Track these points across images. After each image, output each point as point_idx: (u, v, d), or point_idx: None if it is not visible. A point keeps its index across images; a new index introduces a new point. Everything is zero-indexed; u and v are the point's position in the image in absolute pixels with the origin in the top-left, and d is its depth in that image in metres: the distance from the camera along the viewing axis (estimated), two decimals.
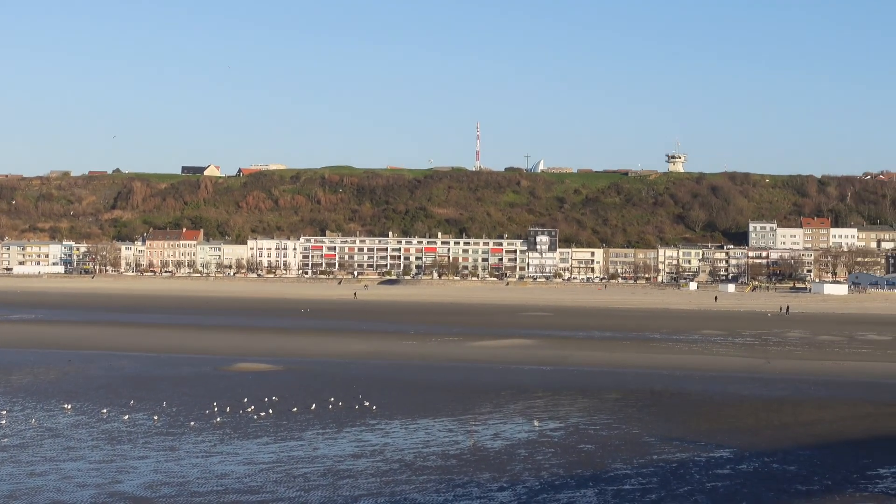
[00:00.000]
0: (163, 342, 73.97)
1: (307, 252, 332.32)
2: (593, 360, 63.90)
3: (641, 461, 31.85)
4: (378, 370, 56.60)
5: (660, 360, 65.27)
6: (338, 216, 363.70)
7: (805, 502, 27.13)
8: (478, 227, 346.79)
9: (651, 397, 46.59)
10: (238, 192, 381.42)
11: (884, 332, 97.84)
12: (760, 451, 33.65)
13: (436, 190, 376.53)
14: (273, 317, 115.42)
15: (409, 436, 35.99)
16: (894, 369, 61.07)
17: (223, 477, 29.14)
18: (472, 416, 40.47)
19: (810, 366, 62.52)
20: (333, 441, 34.83)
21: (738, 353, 72.35)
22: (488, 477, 29.40)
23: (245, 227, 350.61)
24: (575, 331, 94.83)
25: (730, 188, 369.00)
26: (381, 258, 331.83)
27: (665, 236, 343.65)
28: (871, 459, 32.49)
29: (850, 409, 43.56)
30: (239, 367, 56.44)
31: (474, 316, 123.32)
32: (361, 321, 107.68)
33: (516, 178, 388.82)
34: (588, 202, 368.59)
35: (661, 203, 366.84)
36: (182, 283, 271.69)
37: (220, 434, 35.85)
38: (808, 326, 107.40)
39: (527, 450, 33.57)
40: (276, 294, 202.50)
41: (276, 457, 32.00)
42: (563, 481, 28.96)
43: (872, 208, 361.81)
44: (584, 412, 41.92)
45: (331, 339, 79.41)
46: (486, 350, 70.72)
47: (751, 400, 46.12)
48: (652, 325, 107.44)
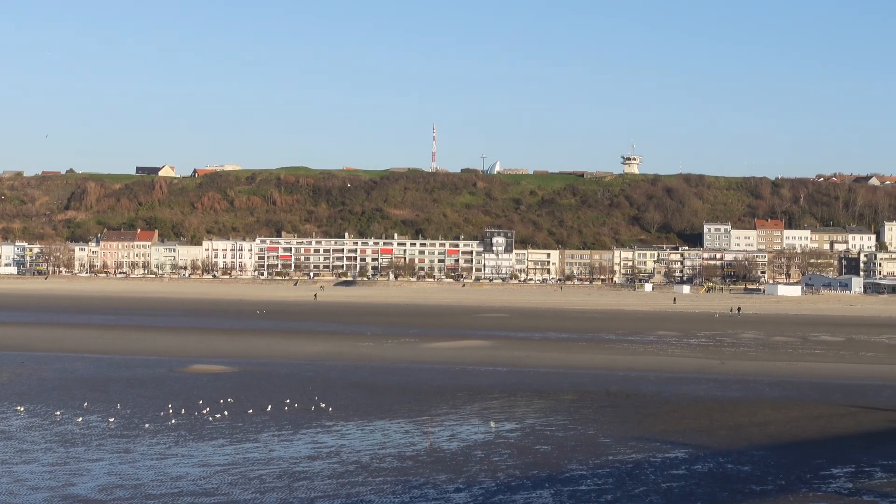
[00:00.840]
0: (117, 344, 73.43)
1: (263, 253, 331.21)
2: (549, 362, 64.05)
3: (597, 462, 31.96)
4: (334, 372, 56.46)
5: (615, 361, 65.54)
6: (294, 217, 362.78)
7: (759, 502, 27.31)
8: (434, 228, 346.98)
9: (607, 398, 46.76)
10: (193, 192, 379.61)
11: (836, 334, 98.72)
12: (715, 452, 33.85)
13: (392, 191, 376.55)
14: (228, 318, 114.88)
15: (365, 437, 35.93)
16: (847, 370, 61.64)
17: (178, 479, 28.95)
18: (428, 418, 40.46)
19: (764, 367, 63.00)
20: (289, 443, 34.71)
21: (692, 354, 72.77)
22: (444, 478, 29.40)
23: (200, 228, 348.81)
24: (531, 332, 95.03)
25: (685, 190, 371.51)
26: (337, 259, 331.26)
27: (620, 238, 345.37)
28: (824, 459, 32.77)
29: (804, 409, 43.92)
30: (194, 369, 56.12)
31: (430, 317, 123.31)
32: (317, 322, 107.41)
33: (472, 179, 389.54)
34: (544, 204, 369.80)
35: (617, 205, 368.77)
36: (136, 285, 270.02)
37: (174, 436, 35.63)
38: (762, 328, 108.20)
39: (483, 451, 33.60)
40: (232, 295, 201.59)
41: (232, 459, 31.84)
42: (520, 482, 29.00)
43: (825, 210, 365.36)
44: (541, 413, 42.00)
45: (287, 341, 79.14)
46: (442, 351, 70.73)
47: (705, 401, 46.40)
48: (608, 326, 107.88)
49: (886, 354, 74.57)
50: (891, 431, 38.57)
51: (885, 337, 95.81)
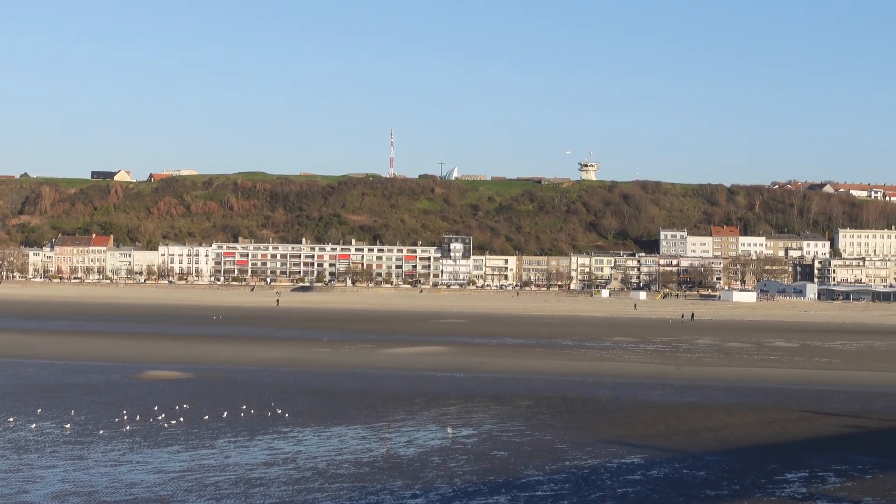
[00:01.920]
0: (71, 349, 72.82)
1: (219, 259, 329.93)
2: (507, 367, 64.12)
3: (554, 467, 32.01)
4: (291, 377, 56.26)
5: (572, 366, 65.70)
6: (251, 222, 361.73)
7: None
8: (392, 234, 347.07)
9: (563, 404, 46.86)
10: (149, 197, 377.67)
11: (791, 340, 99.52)
12: (671, 457, 34.00)
13: (350, 197, 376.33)
14: (185, 324, 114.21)
15: (321, 443, 35.81)
16: (801, 376, 62.12)
17: (132, 486, 28.72)
18: (385, 424, 40.39)
19: (719, 372, 63.38)
20: (245, 449, 34.54)
21: (649, 359, 73.10)
22: (401, 484, 29.35)
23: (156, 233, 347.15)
24: (488, 338, 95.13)
25: (641, 196, 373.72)
26: (294, 265, 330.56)
27: (577, 244, 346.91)
28: (779, 464, 32.99)
29: (759, 414, 44.20)
30: (149, 375, 55.74)
31: (388, 323, 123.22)
32: (274, 328, 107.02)
33: (430, 185, 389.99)
34: (502, 210, 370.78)
35: (574, 211, 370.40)
36: (91, 290, 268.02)
37: (129, 442, 35.36)
38: (717, 333, 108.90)
39: (440, 457, 33.58)
40: (188, 301, 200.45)
41: (187, 465, 31.63)
42: (476, 488, 29.00)
43: (780, 217, 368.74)
44: (498, 419, 42.03)
45: (243, 347, 78.79)
46: (399, 357, 70.65)
47: (661, 406, 46.60)
48: (564, 331, 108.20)
49: (840, 360, 75.24)
50: (844, 436, 38.90)
51: (839, 343, 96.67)
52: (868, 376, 62.40)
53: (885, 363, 73.08)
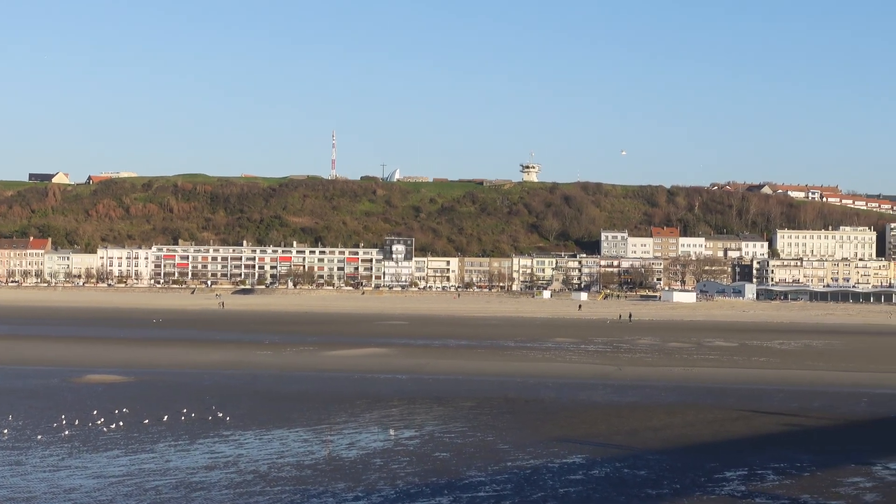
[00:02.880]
0: (8, 353, 71.88)
1: (159, 261, 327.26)
2: (449, 369, 64.18)
3: (496, 468, 32.08)
4: (232, 381, 55.95)
5: (514, 367, 65.90)
6: (191, 225, 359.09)
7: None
8: (333, 235, 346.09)
9: (506, 404, 46.99)
10: (88, 199, 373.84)
11: (730, 339, 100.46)
12: (612, 457, 34.20)
13: (291, 199, 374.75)
14: (124, 327, 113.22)
15: (263, 446, 35.65)
16: (740, 375, 62.73)
17: (71, 491, 28.44)
18: (327, 426, 40.29)
19: (660, 372, 63.86)
20: (186, 453, 34.30)
21: (590, 360, 73.48)
22: (343, 486, 29.29)
23: (95, 236, 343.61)
24: (431, 339, 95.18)
25: (582, 198, 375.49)
26: (235, 267, 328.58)
27: (519, 245, 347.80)
28: (718, 463, 33.30)
29: (698, 413, 44.58)
30: (88, 379, 55.18)
31: (330, 325, 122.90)
32: (215, 331, 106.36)
33: (372, 186, 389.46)
34: (443, 211, 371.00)
35: (516, 212, 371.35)
36: (29, 294, 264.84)
37: (68, 447, 34.99)
38: (657, 334, 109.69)
39: (382, 459, 33.55)
40: (128, 304, 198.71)
41: (127, 470, 31.35)
42: (419, 489, 29.01)
43: (719, 218, 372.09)
44: (440, 420, 42.07)
45: (183, 350, 78.22)
46: (341, 359, 70.50)
47: (603, 406, 46.87)
48: (506, 333, 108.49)
49: (778, 359, 76.09)
50: (782, 434, 39.35)
51: (777, 342, 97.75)
52: (806, 375, 63.13)
53: (823, 362, 73.97)
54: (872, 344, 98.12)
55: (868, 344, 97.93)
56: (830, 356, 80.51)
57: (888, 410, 46.87)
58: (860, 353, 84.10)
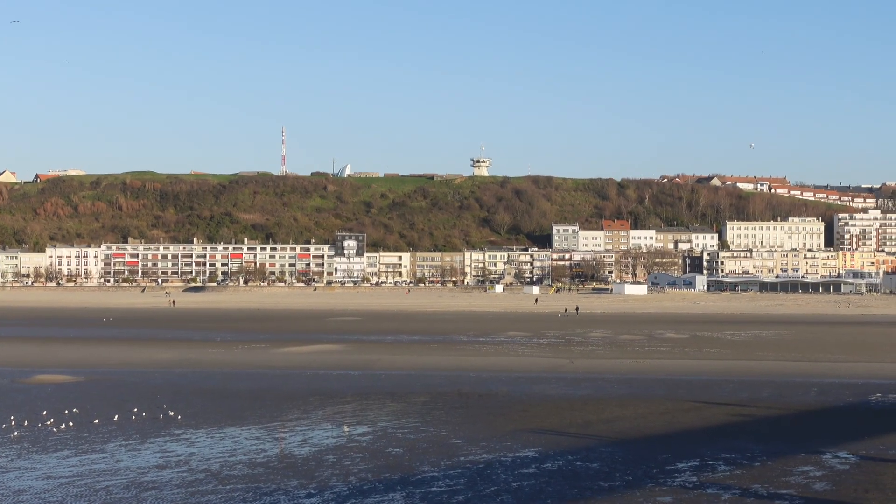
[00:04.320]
0: None
1: (109, 260, 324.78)
2: (401, 364, 64.17)
3: (449, 463, 32.09)
4: (183, 379, 55.62)
5: (467, 362, 65.98)
6: (140, 222, 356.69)
7: (607, 498, 27.75)
8: (284, 232, 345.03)
9: (459, 399, 47.02)
10: (35, 198, 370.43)
11: (681, 331, 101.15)
12: (564, 450, 34.29)
13: (241, 195, 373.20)
14: (74, 326, 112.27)
15: (215, 445, 35.46)
16: (691, 366, 63.15)
17: (21, 493, 28.13)
18: (279, 424, 40.14)
19: (611, 364, 64.15)
20: (137, 452, 34.04)
21: (542, 353, 73.71)
22: (296, 484, 29.19)
23: (43, 235, 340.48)
24: (383, 335, 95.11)
25: (533, 192, 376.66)
26: (185, 265, 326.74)
27: (471, 239, 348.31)
28: (670, 454, 33.48)
29: (650, 405, 44.81)
30: (37, 379, 54.64)
31: (282, 322, 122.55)
32: (166, 329, 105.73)
33: (323, 182, 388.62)
34: (395, 206, 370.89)
35: (467, 207, 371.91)
36: None
37: (17, 448, 34.62)
38: (609, 326, 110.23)
39: (335, 455, 33.46)
40: (77, 303, 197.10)
41: (77, 470, 31.07)
42: (372, 486, 28.96)
43: (670, 210, 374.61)
44: (393, 416, 42.03)
45: (134, 349, 77.71)
46: (293, 356, 70.28)
47: (555, 399, 47.00)
48: (459, 327, 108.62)
49: (729, 350, 76.69)
50: (733, 425, 39.62)
51: (728, 333, 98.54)
52: (756, 365, 63.67)
53: (772, 352, 74.63)
54: (821, 334, 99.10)
55: (817, 334, 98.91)
56: (780, 346, 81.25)
57: (837, 399, 47.33)
58: (810, 343, 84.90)
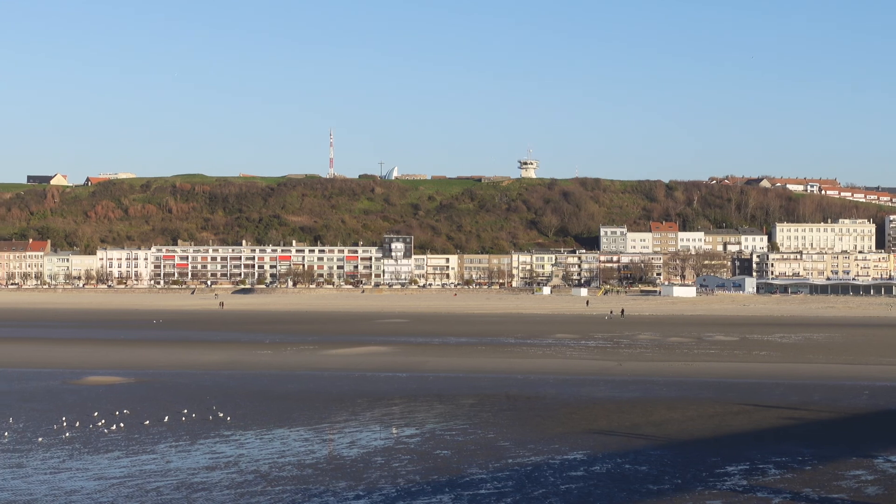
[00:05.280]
0: (9, 356, 71.85)
1: (159, 262, 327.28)
2: (449, 366, 64.15)
3: (497, 465, 32.04)
4: (232, 381, 55.89)
5: (515, 364, 65.86)
6: (190, 225, 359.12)
7: (656, 501, 27.60)
8: (332, 234, 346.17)
9: (506, 401, 46.93)
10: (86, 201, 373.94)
11: (730, 333, 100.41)
12: (613, 453, 34.15)
13: (289, 198, 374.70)
14: (124, 328, 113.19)
15: (264, 446, 35.61)
16: (740, 369, 62.70)
17: (72, 493, 28.38)
18: (328, 425, 40.25)
19: (660, 367, 63.79)
20: (187, 453, 34.26)
21: (590, 356, 73.44)
22: (344, 485, 29.25)
23: (94, 238, 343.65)
24: (431, 337, 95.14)
25: (581, 194, 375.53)
26: (234, 267, 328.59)
27: (518, 242, 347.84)
28: (719, 457, 33.25)
29: (699, 408, 44.51)
30: (89, 381, 55.13)
31: (330, 324, 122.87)
32: (215, 331, 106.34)
33: (370, 185, 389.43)
34: (442, 209, 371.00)
35: (515, 209, 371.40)
36: (29, 296, 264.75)
37: (69, 449, 34.94)
38: (657, 329, 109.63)
39: (383, 457, 33.50)
40: (128, 305, 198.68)
41: (128, 471, 31.31)
42: (420, 487, 28.97)
43: (718, 212, 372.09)
44: (441, 418, 42.01)
45: (184, 350, 78.20)
46: (341, 358, 70.45)
47: (603, 402, 46.80)
48: (506, 329, 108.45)
49: (779, 353, 76.04)
50: (783, 428, 39.29)
51: (778, 336, 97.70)
52: (806, 368, 63.10)
53: (823, 355, 73.93)
54: (873, 336, 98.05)
55: (868, 336, 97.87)
56: (831, 349, 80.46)
57: (889, 403, 46.82)
58: (861, 346, 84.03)
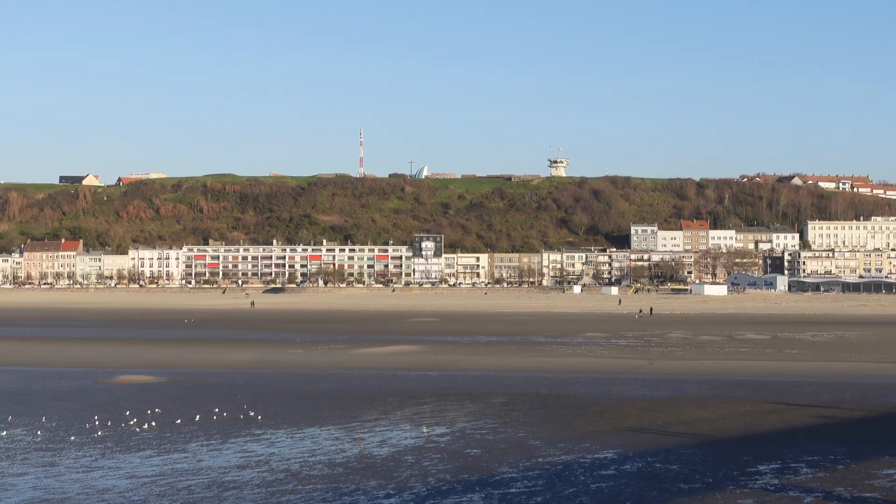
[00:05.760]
0: (42, 355, 72.34)
1: (190, 261, 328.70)
2: (479, 365, 64.13)
3: (527, 464, 32.00)
4: (263, 380, 56.06)
5: (545, 363, 65.77)
6: (221, 225, 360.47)
7: (687, 500, 27.50)
8: (363, 233, 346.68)
9: (537, 400, 46.88)
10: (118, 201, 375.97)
11: (762, 332, 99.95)
12: (644, 451, 34.04)
13: (320, 197, 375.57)
14: (156, 328, 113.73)
15: (294, 445, 35.70)
16: (772, 367, 62.40)
17: (105, 492, 28.54)
18: (358, 424, 40.31)
19: (691, 366, 63.55)
20: (218, 452, 34.38)
21: (621, 354, 73.26)
22: (375, 484, 29.29)
23: (126, 237, 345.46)
24: (461, 336, 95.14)
25: (611, 192, 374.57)
26: (265, 266, 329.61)
27: (549, 240, 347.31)
28: (751, 456, 33.10)
29: (730, 407, 44.32)
30: (121, 380, 55.43)
31: (360, 323, 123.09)
32: (246, 331, 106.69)
33: (400, 184, 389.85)
34: (472, 207, 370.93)
35: (545, 207, 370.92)
36: (61, 295, 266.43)
37: (101, 448, 35.13)
38: (688, 327, 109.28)
39: (414, 456, 33.52)
40: (159, 304, 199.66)
41: (160, 470, 31.45)
42: (450, 486, 28.97)
43: (749, 210, 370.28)
44: (471, 417, 42.00)
45: (215, 349, 78.49)
46: (372, 357, 70.54)
47: (634, 400, 46.67)
48: (537, 328, 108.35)
49: (811, 351, 75.63)
50: (815, 427, 39.07)
51: (810, 334, 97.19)
52: (838, 367, 62.71)
53: (856, 353, 73.47)
54: None
55: None
56: (864, 347, 79.97)
57: None
58: (894, 344, 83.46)
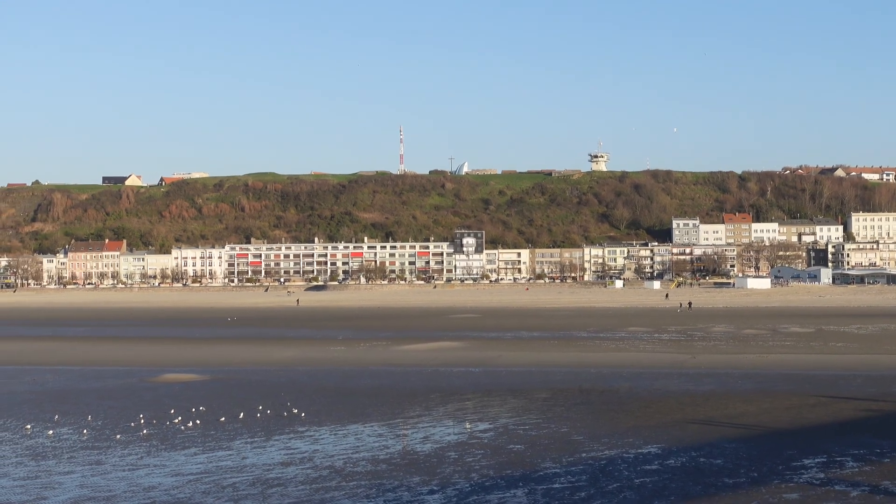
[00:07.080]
0: (87, 355, 72.97)
1: (233, 260, 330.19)
2: (522, 361, 64.09)
3: (570, 459, 31.97)
4: (306, 377, 56.29)
5: (587, 358, 65.62)
6: (263, 223, 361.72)
7: (732, 495, 27.40)
8: (404, 230, 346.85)
9: (579, 395, 46.81)
10: (160, 201, 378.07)
11: (806, 325, 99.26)
12: (687, 446, 33.93)
13: (360, 194, 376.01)
14: (199, 326, 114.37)
15: (338, 442, 35.83)
16: (817, 361, 61.97)
17: (150, 489, 28.77)
18: (401, 420, 40.40)
19: (735, 360, 63.24)
20: (262, 449, 34.57)
21: (664, 349, 72.98)
22: (418, 480, 29.35)
23: (169, 237, 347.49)
24: (503, 332, 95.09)
25: (652, 186, 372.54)
26: (307, 264, 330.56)
27: (590, 235, 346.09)
28: (796, 450, 32.91)
29: (775, 401, 44.07)
30: (165, 378, 55.82)
31: (402, 319, 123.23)
32: (288, 328, 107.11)
33: (441, 180, 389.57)
34: (513, 203, 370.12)
35: (586, 202, 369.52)
36: (106, 295, 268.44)
37: (146, 446, 35.42)
38: (732, 321, 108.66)
39: (457, 452, 33.57)
40: (202, 303, 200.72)
41: (204, 467, 31.68)
42: (494, 482, 28.99)
43: (792, 203, 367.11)
44: (514, 412, 41.99)
45: (258, 347, 78.88)
46: (414, 353, 70.64)
47: (677, 395, 46.50)
48: (579, 323, 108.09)
49: (856, 344, 75.02)
50: (861, 420, 38.79)
51: (855, 327, 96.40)
52: (884, 360, 62.21)
53: None
54: None
55: None
56: None
57: None
58: None
